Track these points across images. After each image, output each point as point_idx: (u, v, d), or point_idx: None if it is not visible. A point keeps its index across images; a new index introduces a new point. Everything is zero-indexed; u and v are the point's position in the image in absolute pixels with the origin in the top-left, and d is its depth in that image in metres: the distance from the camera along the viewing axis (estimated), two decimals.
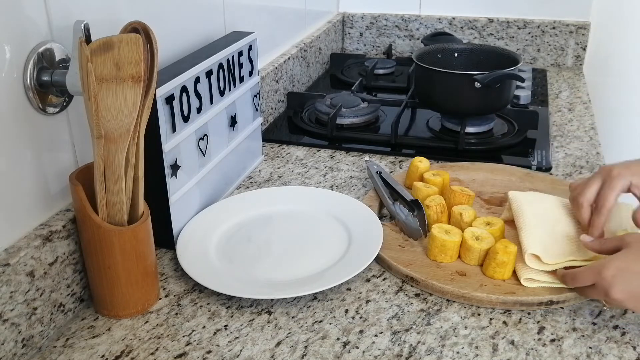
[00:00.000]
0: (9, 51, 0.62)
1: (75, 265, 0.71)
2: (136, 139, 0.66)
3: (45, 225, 0.68)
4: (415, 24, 1.71)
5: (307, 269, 0.78)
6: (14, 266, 0.62)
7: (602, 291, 0.66)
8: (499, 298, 0.72)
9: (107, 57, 0.60)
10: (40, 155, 0.68)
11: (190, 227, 0.85)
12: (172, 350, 0.66)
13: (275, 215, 0.91)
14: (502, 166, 1.03)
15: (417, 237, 0.83)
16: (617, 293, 0.64)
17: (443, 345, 0.67)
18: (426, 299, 0.74)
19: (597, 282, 0.66)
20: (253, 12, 1.20)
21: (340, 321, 0.71)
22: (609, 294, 0.65)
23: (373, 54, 1.79)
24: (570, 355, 0.65)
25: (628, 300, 0.64)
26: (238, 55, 0.95)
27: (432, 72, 1.14)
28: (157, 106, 0.74)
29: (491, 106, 1.16)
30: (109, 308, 0.71)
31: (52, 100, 0.68)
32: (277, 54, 1.36)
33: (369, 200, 0.94)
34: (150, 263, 0.72)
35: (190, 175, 0.85)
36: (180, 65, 0.84)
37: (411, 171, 0.98)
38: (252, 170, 1.07)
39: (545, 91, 1.43)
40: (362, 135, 1.19)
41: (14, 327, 0.63)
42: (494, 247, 0.75)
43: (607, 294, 0.65)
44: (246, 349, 0.67)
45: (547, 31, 1.61)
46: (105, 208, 0.67)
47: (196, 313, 0.72)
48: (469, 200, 0.89)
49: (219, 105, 0.91)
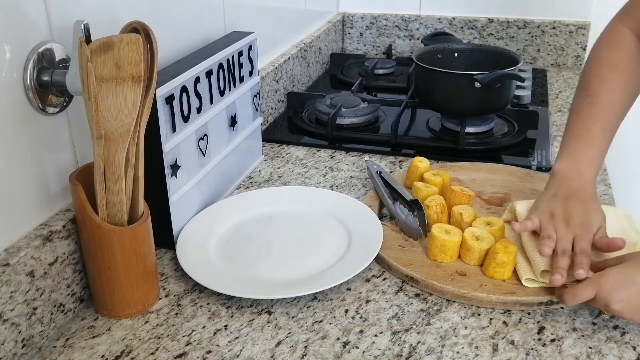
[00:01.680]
0: (9, 51, 0.62)
1: (75, 265, 0.71)
2: (136, 139, 0.66)
3: (45, 225, 0.68)
4: (415, 24, 1.71)
5: (307, 269, 0.78)
6: (14, 266, 0.62)
7: (602, 302, 0.66)
8: (499, 298, 0.72)
9: (107, 57, 0.60)
10: (40, 155, 0.68)
11: (190, 227, 0.85)
12: (172, 350, 0.66)
13: (275, 215, 0.91)
14: (502, 166, 1.03)
15: (417, 237, 0.83)
16: (616, 304, 0.65)
17: (443, 345, 0.67)
18: (426, 299, 0.74)
19: (597, 293, 0.66)
20: (253, 12, 1.20)
21: (340, 321, 0.71)
22: (609, 305, 0.65)
23: (373, 54, 1.79)
24: (570, 355, 0.65)
25: (627, 310, 0.65)
26: (238, 55, 0.95)
27: (432, 72, 1.14)
28: (157, 106, 0.74)
29: (491, 106, 1.16)
30: (109, 308, 0.71)
31: (52, 100, 0.68)
32: (277, 54, 1.36)
33: (369, 200, 0.94)
34: (150, 263, 0.72)
35: (190, 175, 0.85)
36: (180, 65, 0.84)
37: (411, 171, 0.98)
38: (252, 170, 1.07)
39: (545, 91, 1.43)
40: (362, 135, 1.19)
41: (14, 327, 0.63)
42: (494, 247, 0.75)
43: (606, 305, 0.65)
44: (246, 349, 0.67)
45: (547, 31, 1.61)
46: (105, 208, 0.67)
47: (196, 313, 0.72)
48: (469, 200, 0.89)
49: (219, 105, 0.91)
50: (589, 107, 0.83)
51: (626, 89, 0.84)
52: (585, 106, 0.84)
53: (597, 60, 0.86)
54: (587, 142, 0.82)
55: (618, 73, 0.84)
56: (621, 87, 0.84)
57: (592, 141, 0.82)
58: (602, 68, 0.85)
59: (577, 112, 0.85)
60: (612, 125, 0.83)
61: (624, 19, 0.86)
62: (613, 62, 0.85)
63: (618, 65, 0.84)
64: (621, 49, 0.85)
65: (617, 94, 0.83)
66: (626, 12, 0.87)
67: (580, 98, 0.86)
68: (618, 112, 0.84)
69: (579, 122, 0.84)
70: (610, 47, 0.86)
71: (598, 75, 0.85)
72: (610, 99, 0.83)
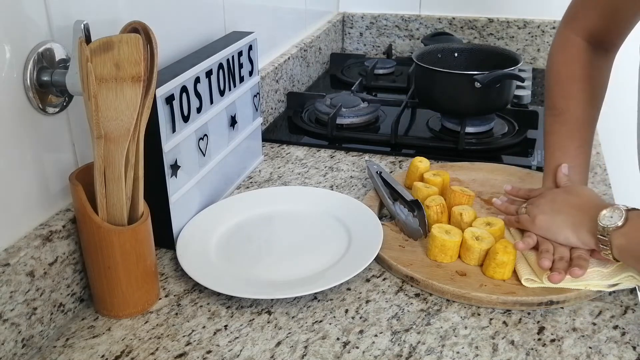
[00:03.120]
0: (9, 51, 0.62)
1: (75, 265, 0.71)
2: (136, 139, 0.66)
3: (45, 225, 0.68)
4: (415, 24, 1.71)
5: (307, 269, 0.78)
6: (14, 266, 0.62)
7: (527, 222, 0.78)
8: (499, 298, 0.72)
9: (107, 57, 0.60)
10: (40, 155, 0.68)
11: (190, 227, 0.85)
12: (172, 350, 0.66)
13: (275, 215, 0.91)
14: (502, 166, 1.03)
15: (417, 237, 0.83)
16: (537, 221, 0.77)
17: (443, 345, 0.67)
18: (426, 299, 0.74)
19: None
20: (253, 12, 1.20)
21: (340, 321, 0.71)
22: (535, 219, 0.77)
23: (373, 54, 1.79)
24: (570, 355, 0.65)
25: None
26: (238, 55, 0.95)
27: (432, 72, 1.14)
28: (157, 106, 0.74)
29: (491, 106, 1.16)
30: (109, 308, 0.71)
31: (52, 100, 0.68)
32: (277, 54, 1.36)
33: (369, 200, 0.94)
34: (150, 263, 0.72)
35: (190, 175, 0.85)
36: (180, 65, 0.84)
37: (411, 171, 0.98)
38: (252, 170, 1.07)
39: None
40: (362, 135, 1.19)
41: (14, 327, 0.63)
42: (494, 247, 0.75)
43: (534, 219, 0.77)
44: (246, 349, 0.67)
45: (547, 31, 1.61)
46: (105, 208, 0.67)
47: (196, 313, 0.72)
48: (469, 201, 0.89)
49: (219, 105, 0.91)
50: (561, 127, 0.86)
51: (591, 98, 0.86)
52: (557, 126, 0.87)
53: (555, 75, 0.88)
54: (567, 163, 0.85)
55: (578, 84, 0.86)
56: (586, 98, 0.86)
57: (571, 161, 0.85)
58: (562, 83, 0.87)
59: (550, 132, 0.88)
60: (587, 139, 0.87)
61: (571, 25, 0.86)
62: (570, 75, 0.86)
63: (577, 77, 0.86)
64: (575, 59, 0.86)
65: (583, 107, 0.86)
66: (572, 18, 0.87)
67: (550, 117, 0.88)
68: (589, 124, 0.87)
69: (554, 143, 0.87)
70: (565, 59, 0.87)
71: (559, 91, 0.87)
72: (578, 113, 0.86)
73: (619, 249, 0.68)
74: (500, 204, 0.87)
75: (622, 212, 0.69)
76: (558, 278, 0.71)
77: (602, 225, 0.69)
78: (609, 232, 0.69)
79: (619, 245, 0.68)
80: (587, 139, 0.86)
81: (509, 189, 0.90)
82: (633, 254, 0.68)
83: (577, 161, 0.85)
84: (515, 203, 0.87)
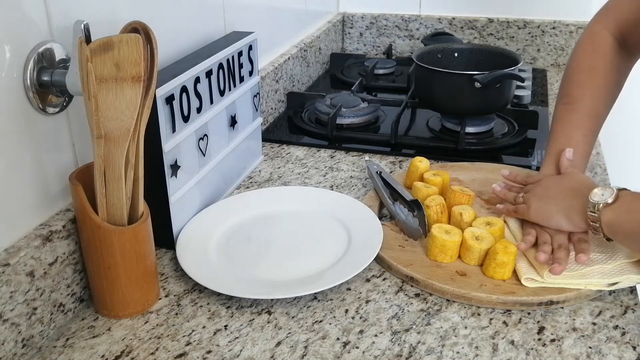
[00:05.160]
0: (9, 51, 0.62)
1: (75, 265, 0.71)
2: (136, 139, 0.66)
3: (45, 225, 0.68)
4: (415, 24, 1.71)
5: (307, 269, 0.78)
6: (14, 266, 0.62)
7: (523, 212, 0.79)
8: (499, 298, 0.72)
9: (107, 57, 0.60)
10: (40, 155, 0.68)
11: (190, 227, 0.85)
12: (172, 350, 0.66)
13: (275, 215, 0.91)
14: (502, 166, 1.03)
15: (417, 237, 0.83)
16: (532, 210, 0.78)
17: (443, 345, 0.67)
18: (426, 299, 0.74)
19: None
20: (253, 12, 1.20)
21: (340, 321, 0.71)
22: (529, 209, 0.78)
23: (373, 54, 1.79)
24: (570, 355, 0.65)
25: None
26: (238, 55, 0.95)
27: (432, 72, 1.14)
28: (157, 106, 0.74)
29: (491, 106, 1.16)
30: (109, 308, 0.71)
31: (52, 100, 0.68)
32: (277, 54, 1.36)
33: (369, 200, 0.94)
34: (150, 263, 0.72)
35: (190, 175, 0.85)
36: (180, 65, 0.84)
37: (411, 171, 0.98)
38: (252, 170, 1.07)
39: (545, 91, 1.43)
40: (362, 135, 1.19)
41: (14, 327, 0.63)
42: (494, 247, 0.75)
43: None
44: (246, 349, 0.67)
45: (547, 31, 1.61)
46: (105, 208, 0.67)
47: (196, 313, 0.72)
48: (469, 200, 0.89)
49: (219, 105, 0.91)
50: (570, 114, 0.86)
51: (605, 93, 0.86)
52: (567, 113, 0.86)
53: (576, 65, 0.88)
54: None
55: (597, 78, 0.86)
56: (600, 92, 0.86)
57: (575, 148, 0.84)
58: (582, 73, 0.87)
59: (559, 119, 0.87)
60: (594, 131, 0.86)
61: (602, 21, 0.87)
62: (592, 67, 0.86)
63: (597, 70, 0.86)
64: (600, 52, 0.86)
65: (597, 99, 0.86)
66: (604, 13, 0.88)
67: (561, 104, 0.88)
68: (599, 117, 0.86)
69: (561, 129, 0.87)
70: (589, 51, 0.87)
71: (578, 80, 0.87)
72: (591, 104, 0.85)
73: (608, 225, 0.69)
74: (500, 190, 0.87)
75: (614, 190, 0.69)
76: (559, 269, 0.71)
77: (593, 202, 0.70)
78: (599, 209, 0.69)
79: (608, 220, 0.69)
80: (594, 130, 0.86)
81: (507, 174, 0.90)
82: (622, 230, 0.69)
83: (580, 149, 0.84)
84: (513, 189, 0.87)
